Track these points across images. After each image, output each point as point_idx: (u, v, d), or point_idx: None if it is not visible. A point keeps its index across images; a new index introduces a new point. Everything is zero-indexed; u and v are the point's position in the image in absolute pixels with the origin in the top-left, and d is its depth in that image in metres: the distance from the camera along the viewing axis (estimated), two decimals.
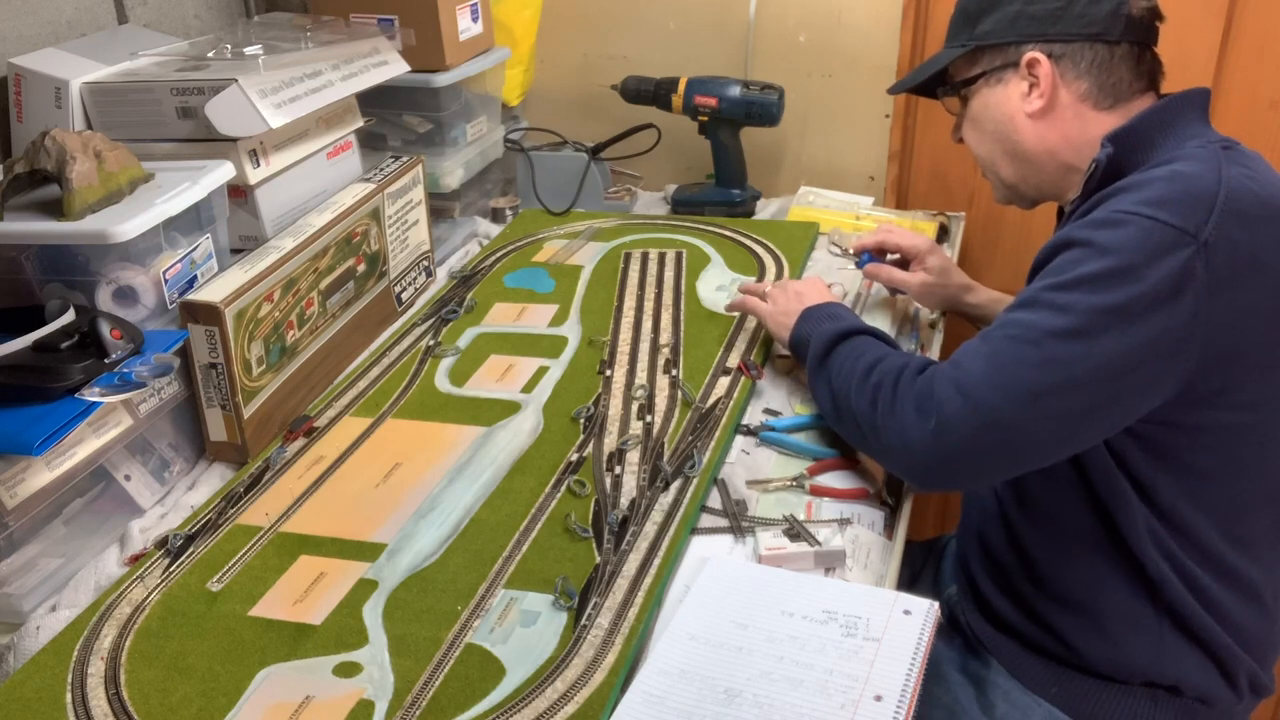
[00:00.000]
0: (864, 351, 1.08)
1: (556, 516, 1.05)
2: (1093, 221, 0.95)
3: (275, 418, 1.21)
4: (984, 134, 1.16)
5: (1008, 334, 0.95)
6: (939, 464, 0.96)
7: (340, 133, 1.44)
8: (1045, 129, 1.10)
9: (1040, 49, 1.08)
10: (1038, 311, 0.94)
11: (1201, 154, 0.99)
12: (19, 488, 0.95)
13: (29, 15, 1.34)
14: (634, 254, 1.62)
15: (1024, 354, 0.92)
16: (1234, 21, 1.63)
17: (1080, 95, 1.08)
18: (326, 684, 0.86)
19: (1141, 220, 0.92)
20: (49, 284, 1.08)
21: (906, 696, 0.80)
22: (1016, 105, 1.11)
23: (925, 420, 0.95)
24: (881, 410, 1.00)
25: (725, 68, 1.84)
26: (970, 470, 0.97)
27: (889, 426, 0.98)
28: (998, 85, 1.13)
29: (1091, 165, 1.04)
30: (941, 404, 0.94)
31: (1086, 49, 1.07)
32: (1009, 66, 1.11)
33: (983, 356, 0.95)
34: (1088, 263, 0.93)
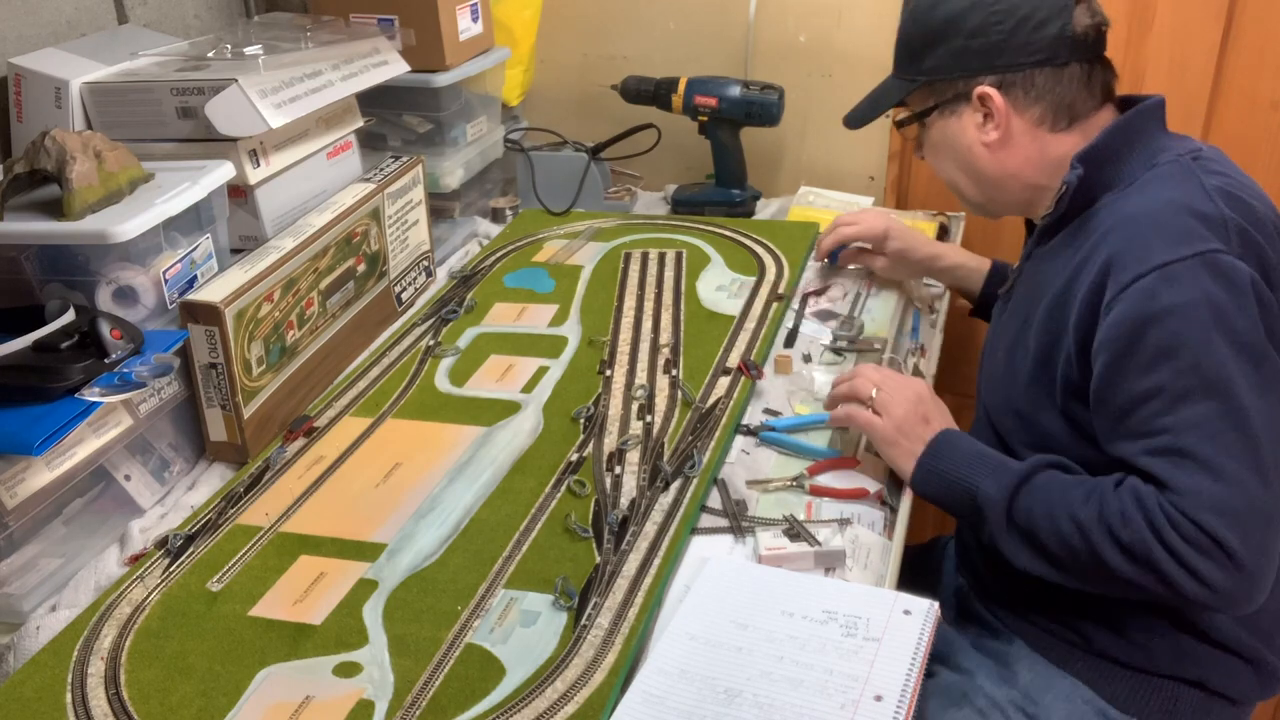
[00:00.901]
0: (1052, 504, 0.97)
1: (556, 516, 1.05)
2: (1147, 291, 0.94)
3: (275, 418, 1.21)
4: (945, 161, 1.18)
5: (1201, 436, 0.91)
6: (1253, 586, 0.92)
7: (340, 133, 1.44)
8: (1005, 156, 1.11)
9: (989, 82, 1.09)
10: (1201, 401, 0.92)
11: (1178, 172, 1.01)
12: (19, 488, 0.95)
13: (29, 15, 1.34)
14: (634, 254, 1.62)
15: (1235, 443, 0.91)
16: (1234, 22, 1.63)
17: (1035, 120, 1.09)
18: (326, 684, 0.86)
19: (1189, 262, 0.93)
20: (49, 284, 1.08)
21: (906, 696, 0.80)
22: (973, 136, 1.12)
23: (1214, 558, 0.90)
24: (1162, 568, 0.91)
25: (725, 68, 1.84)
26: (1275, 563, 0.93)
27: (1181, 580, 0.91)
28: (952, 116, 1.13)
29: (1062, 187, 1.06)
30: (1219, 535, 0.89)
31: (1035, 75, 1.07)
32: (960, 99, 1.12)
33: (1204, 473, 0.91)
34: (1186, 330, 0.92)
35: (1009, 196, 1.16)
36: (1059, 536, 0.96)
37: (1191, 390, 0.92)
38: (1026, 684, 1.08)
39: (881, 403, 1.09)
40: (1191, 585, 0.91)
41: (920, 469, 1.05)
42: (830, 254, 1.51)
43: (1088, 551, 0.94)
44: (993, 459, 1.03)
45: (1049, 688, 1.07)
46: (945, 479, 1.04)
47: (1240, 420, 0.91)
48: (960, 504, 1.03)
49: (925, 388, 1.12)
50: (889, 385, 1.10)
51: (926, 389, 1.12)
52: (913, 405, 1.08)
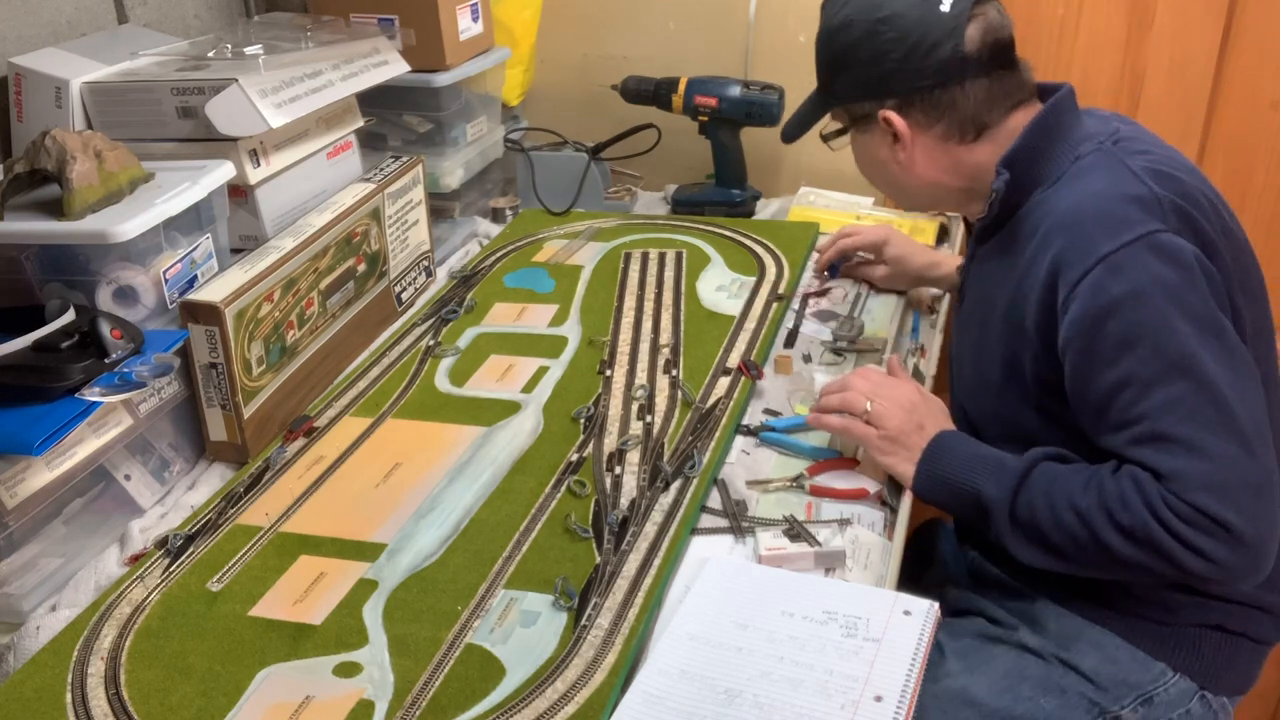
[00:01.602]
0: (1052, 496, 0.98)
1: (556, 516, 1.05)
2: (1096, 286, 0.96)
3: (275, 418, 1.21)
4: (870, 171, 1.22)
5: (1179, 417, 0.93)
6: (1258, 556, 0.92)
7: (340, 133, 1.44)
8: (920, 170, 1.14)
9: (890, 105, 1.11)
10: (1172, 383, 0.93)
11: (1103, 160, 1.03)
12: (19, 488, 0.95)
13: (29, 15, 1.34)
14: (634, 254, 1.62)
15: (1212, 418, 0.92)
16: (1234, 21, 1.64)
17: (941, 136, 1.12)
18: (326, 684, 0.86)
19: (1133, 249, 0.95)
20: (49, 284, 1.08)
21: (906, 696, 0.81)
22: (886, 154, 1.15)
23: (1215, 535, 0.91)
24: (1165, 548, 0.92)
25: (725, 68, 1.84)
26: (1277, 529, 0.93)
27: (1185, 559, 0.92)
28: (864, 135, 1.17)
29: (992, 194, 1.08)
30: (1215, 512, 0.91)
31: (933, 96, 1.09)
32: (868, 119, 1.15)
33: (1188, 453, 0.92)
34: (1139, 313, 0.94)
35: (935, 200, 1.22)
36: (1062, 527, 0.97)
37: (1159, 374, 0.94)
38: (1056, 632, 1.09)
39: (876, 414, 1.09)
40: (1196, 562, 0.92)
41: (920, 475, 1.06)
42: (830, 267, 1.53)
43: (1091, 539, 0.96)
44: (991, 458, 1.04)
45: (1079, 636, 1.08)
46: (947, 484, 1.05)
47: (1212, 394, 0.93)
48: (965, 507, 1.04)
49: (917, 392, 1.12)
50: (881, 394, 1.10)
51: (918, 393, 1.12)
52: (906, 414, 1.09)
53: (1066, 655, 1.07)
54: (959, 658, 1.10)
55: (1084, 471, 0.99)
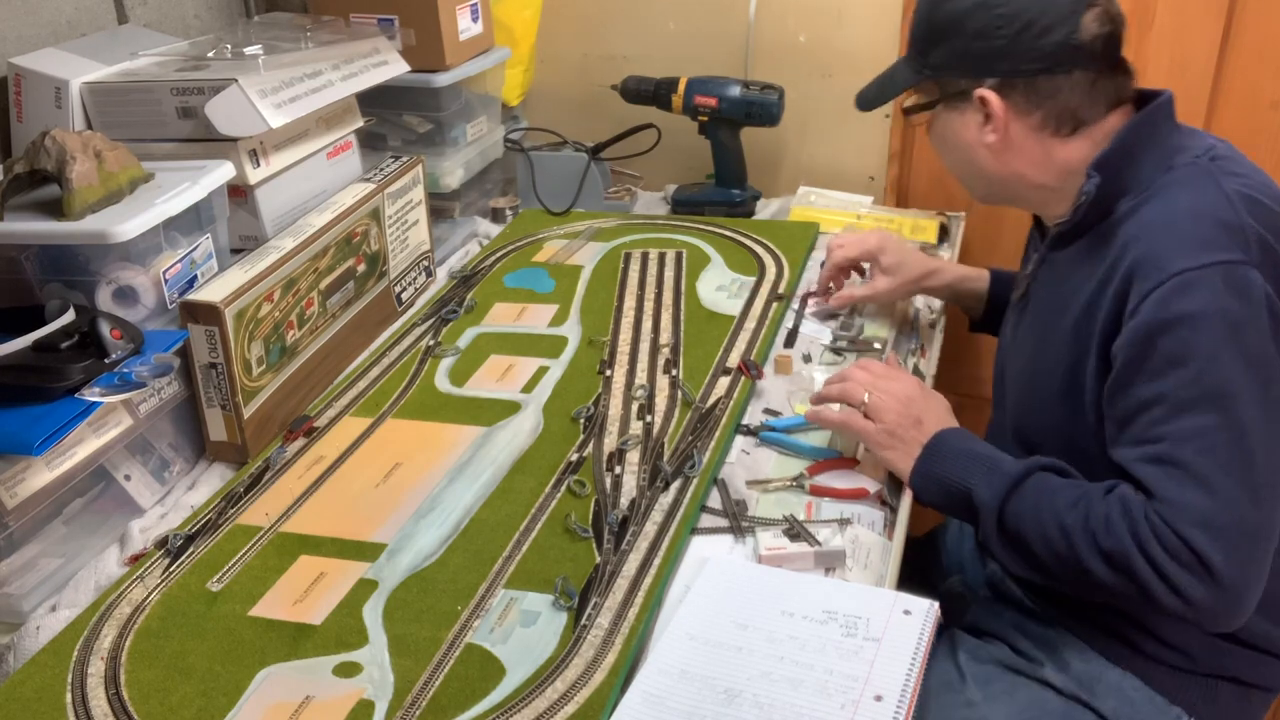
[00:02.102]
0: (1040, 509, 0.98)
1: (556, 516, 1.05)
2: (1163, 300, 0.94)
3: (275, 418, 1.21)
4: (949, 153, 1.17)
5: (1198, 449, 0.91)
6: (1235, 602, 0.92)
7: (340, 133, 1.44)
8: (1007, 158, 1.10)
9: (990, 86, 1.07)
10: (1201, 413, 0.92)
11: (1197, 175, 1.00)
12: (19, 488, 0.95)
13: (29, 15, 1.34)
14: (634, 254, 1.62)
15: (1230, 459, 0.91)
16: (1234, 21, 1.63)
17: (1036, 126, 1.07)
18: (326, 684, 0.86)
19: (1205, 271, 0.93)
20: (49, 284, 1.08)
21: (906, 696, 0.80)
22: (975, 135, 1.10)
23: (1199, 576, 0.90)
24: (1141, 578, 0.92)
25: (725, 68, 1.84)
26: (1257, 582, 0.93)
27: (1165, 595, 0.91)
28: (954, 113, 1.12)
29: (1080, 197, 1.04)
30: (1203, 553, 0.89)
31: (1037, 82, 1.05)
32: (962, 97, 1.10)
33: (1194, 484, 0.91)
34: (1195, 338, 0.92)
35: (1011, 194, 1.15)
36: (1045, 541, 0.96)
37: (1194, 401, 0.92)
38: (1079, 672, 1.09)
39: (874, 408, 1.08)
40: (1170, 599, 0.91)
41: (917, 474, 1.05)
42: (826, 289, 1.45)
43: (1071, 557, 0.95)
44: (986, 460, 1.03)
45: (1100, 678, 1.08)
46: (942, 483, 1.04)
47: (1238, 436, 0.91)
48: (957, 506, 1.04)
49: (917, 387, 1.11)
50: (880, 388, 1.10)
51: (918, 388, 1.11)
52: (904, 407, 1.08)
53: (1088, 697, 1.07)
54: (980, 685, 1.09)
55: (1078, 488, 0.98)
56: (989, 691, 1.08)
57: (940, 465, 1.04)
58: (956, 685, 1.10)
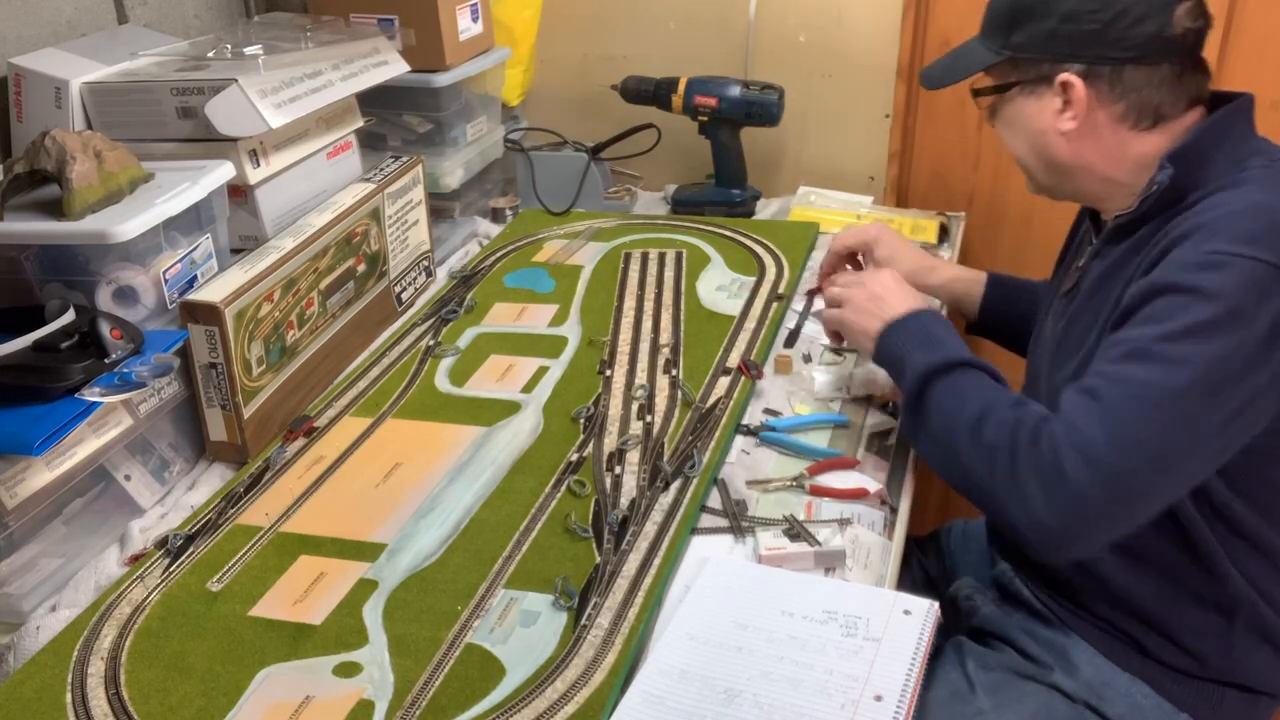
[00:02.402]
0: (970, 392, 1.01)
1: (556, 516, 1.05)
2: (1189, 265, 0.93)
3: (275, 418, 1.21)
4: (1017, 139, 1.12)
5: (1126, 393, 0.91)
6: (1070, 539, 0.92)
7: (340, 133, 1.44)
8: (1081, 147, 1.07)
9: (1075, 71, 1.04)
10: (1152, 367, 0.91)
11: (1265, 176, 0.98)
12: (19, 488, 0.95)
13: (29, 15, 1.34)
14: (634, 254, 1.62)
15: (1147, 415, 0.90)
16: (1234, 21, 1.63)
17: (1117, 117, 1.04)
18: (326, 684, 0.86)
19: (1241, 261, 0.91)
20: (49, 284, 1.08)
21: (906, 696, 0.80)
22: (1050, 121, 1.07)
23: (1051, 494, 0.91)
24: (1001, 481, 0.94)
25: (725, 68, 1.84)
26: (1100, 537, 0.94)
27: (1012, 500, 0.94)
28: (1031, 97, 1.08)
29: (1153, 186, 1.02)
30: (1068, 476, 0.90)
31: (1124, 72, 1.02)
32: (1042, 81, 1.06)
33: (1102, 419, 0.91)
34: (1194, 309, 0.91)
35: (1077, 185, 1.11)
36: (946, 420, 1.01)
37: (1151, 355, 0.91)
38: (1088, 677, 1.08)
39: (845, 297, 1.18)
40: (1017, 508, 0.93)
41: (877, 351, 1.13)
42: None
43: (957, 436, 0.99)
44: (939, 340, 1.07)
45: (1109, 684, 1.08)
46: (891, 350, 1.11)
47: (1173, 404, 0.90)
48: (897, 372, 1.10)
49: (887, 275, 1.18)
50: (845, 280, 1.21)
51: (888, 276, 1.18)
52: (867, 290, 1.16)
53: (1097, 702, 1.07)
54: (989, 694, 1.09)
55: (1003, 392, 1.01)
56: (998, 699, 1.08)
57: (888, 343, 1.11)
58: (966, 695, 1.10)
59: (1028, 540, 0.95)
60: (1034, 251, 1.85)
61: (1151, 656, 1.07)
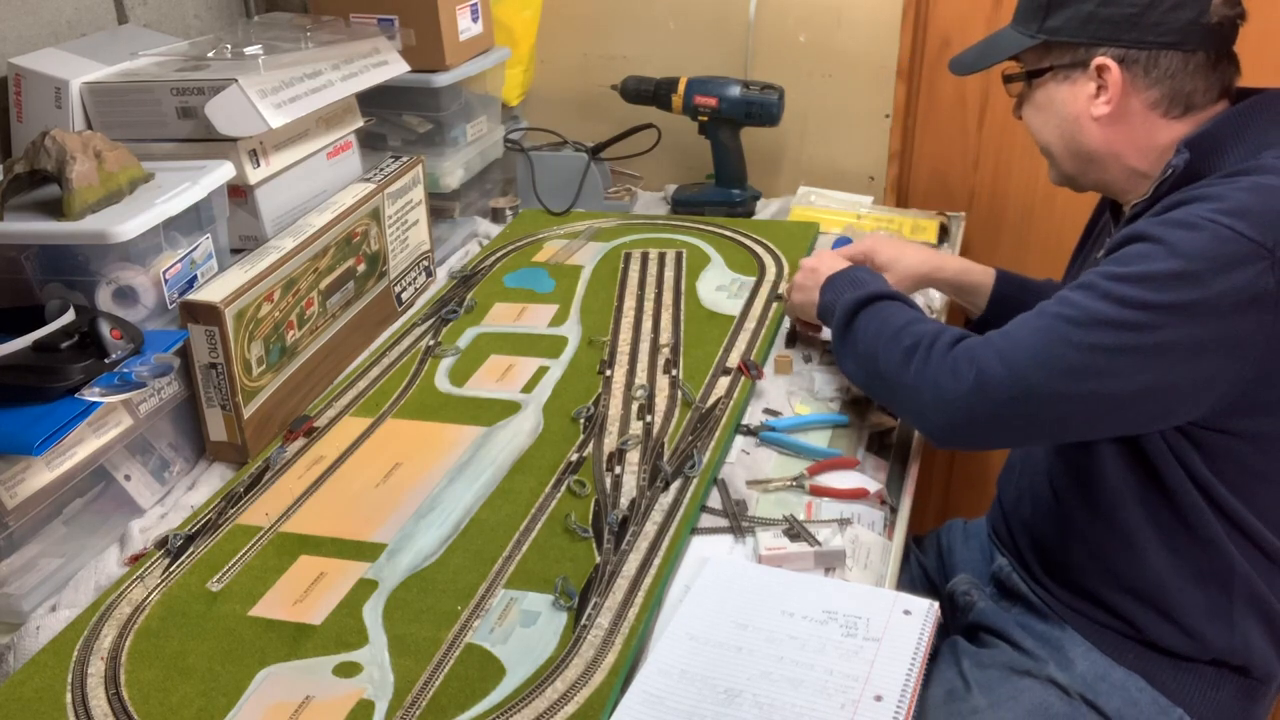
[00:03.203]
0: (892, 314, 1.10)
1: (556, 516, 1.05)
2: (1169, 221, 0.94)
3: (275, 418, 1.21)
4: (1047, 125, 1.12)
5: (1060, 311, 0.95)
6: (967, 423, 0.98)
7: (340, 133, 1.44)
8: (1111, 133, 1.07)
9: (1112, 55, 1.03)
10: (1094, 297, 0.94)
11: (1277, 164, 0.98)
12: (19, 488, 0.95)
13: (29, 15, 1.34)
14: (634, 254, 1.62)
15: (1070, 335, 0.93)
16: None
17: (1150, 103, 1.04)
18: (326, 684, 0.86)
19: (1218, 228, 0.91)
20: (49, 284, 1.08)
21: (906, 696, 0.80)
22: (1083, 106, 1.07)
23: (960, 380, 0.97)
24: (915, 368, 1.01)
25: (725, 68, 1.84)
26: (995, 434, 1.00)
27: (922, 383, 1.00)
28: (1065, 82, 1.08)
29: (1167, 170, 1.02)
30: (981, 367, 0.96)
31: (1160, 57, 1.02)
32: (1077, 66, 1.06)
33: (1030, 329, 0.96)
34: (1155, 260, 0.92)
35: (1103, 175, 1.11)
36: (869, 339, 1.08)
37: (1093, 288, 0.94)
38: (1084, 671, 1.09)
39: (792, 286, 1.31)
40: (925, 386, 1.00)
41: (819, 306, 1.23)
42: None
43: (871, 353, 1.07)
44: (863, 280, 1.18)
45: (1104, 678, 1.08)
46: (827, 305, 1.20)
47: (1103, 334, 0.92)
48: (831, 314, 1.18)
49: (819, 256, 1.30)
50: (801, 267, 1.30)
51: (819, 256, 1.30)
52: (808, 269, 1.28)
53: (1093, 697, 1.07)
54: (985, 692, 1.09)
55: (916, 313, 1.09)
56: (994, 698, 1.08)
57: (827, 295, 1.21)
58: (961, 694, 1.10)
59: (928, 422, 1.02)
60: (1034, 251, 1.85)
61: (1150, 644, 1.07)
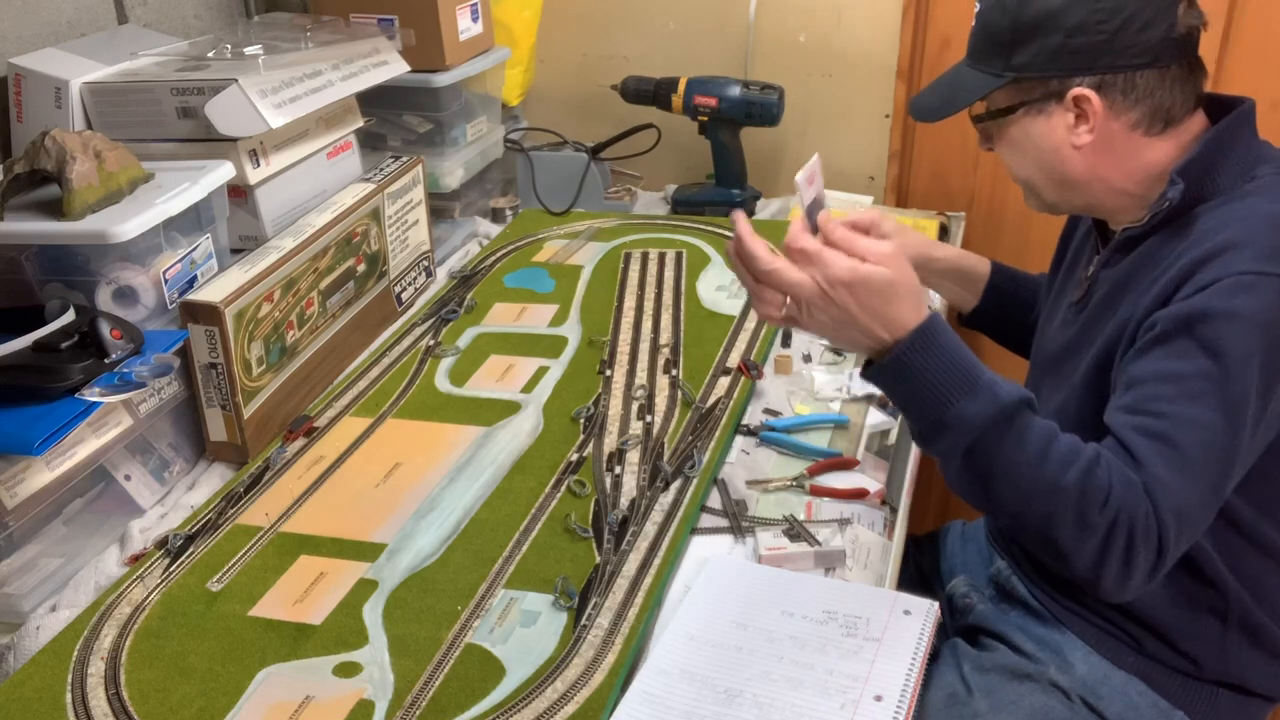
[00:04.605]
0: (1028, 453, 0.90)
1: (556, 516, 1.05)
2: (1221, 290, 0.92)
3: (275, 418, 1.21)
4: (1025, 160, 1.08)
5: (1196, 440, 0.90)
6: (1144, 589, 0.93)
7: (340, 133, 1.44)
8: (1095, 160, 1.04)
9: (1088, 84, 1.01)
10: (1213, 411, 0.91)
11: (1277, 185, 0.98)
12: (19, 488, 0.95)
13: (29, 15, 1.34)
14: (634, 254, 1.62)
15: (1217, 460, 0.91)
16: (1234, 22, 1.63)
17: (1132, 124, 1.02)
18: (326, 684, 0.86)
19: (1271, 279, 0.91)
20: (49, 284, 1.08)
21: (906, 696, 0.81)
22: (1062, 137, 1.04)
23: (1151, 556, 0.90)
24: (1112, 548, 0.89)
25: (725, 68, 1.84)
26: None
27: (1115, 565, 0.90)
28: (1040, 116, 1.05)
29: (1164, 202, 1.01)
30: (1166, 536, 0.89)
31: (1137, 78, 1.00)
32: (1050, 98, 1.03)
33: (1182, 472, 0.90)
34: (1237, 336, 0.91)
35: (1088, 199, 1.09)
36: (1022, 488, 0.90)
37: (1208, 395, 0.91)
38: (1084, 675, 1.09)
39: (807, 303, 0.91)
40: (1114, 575, 0.90)
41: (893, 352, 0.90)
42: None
43: (1045, 513, 0.89)
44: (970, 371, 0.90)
45: (1105, 681, 1.08)
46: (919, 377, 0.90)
47: (1232, 442, 0.91)
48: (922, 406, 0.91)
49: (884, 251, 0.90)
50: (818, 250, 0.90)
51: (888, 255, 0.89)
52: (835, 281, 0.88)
53: (1093, 700, 1.07)
54: (985, 696, 1.09)
55: (1064, 442, 0.91)
56: (994, 702, 1.08)
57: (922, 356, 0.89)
58: (962, 698, 1.10)
59: (1102, 592, 0.93)
60: (1034, 251, 1.85)
61: (1148, 655, 1.07)
